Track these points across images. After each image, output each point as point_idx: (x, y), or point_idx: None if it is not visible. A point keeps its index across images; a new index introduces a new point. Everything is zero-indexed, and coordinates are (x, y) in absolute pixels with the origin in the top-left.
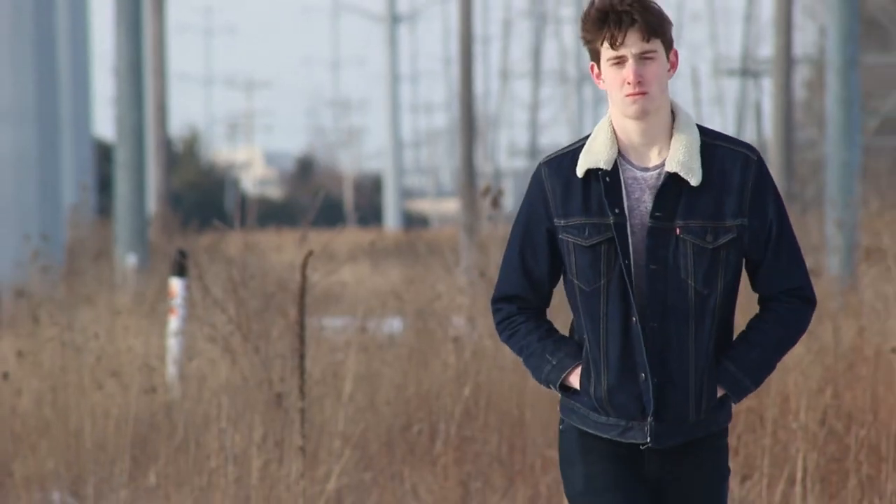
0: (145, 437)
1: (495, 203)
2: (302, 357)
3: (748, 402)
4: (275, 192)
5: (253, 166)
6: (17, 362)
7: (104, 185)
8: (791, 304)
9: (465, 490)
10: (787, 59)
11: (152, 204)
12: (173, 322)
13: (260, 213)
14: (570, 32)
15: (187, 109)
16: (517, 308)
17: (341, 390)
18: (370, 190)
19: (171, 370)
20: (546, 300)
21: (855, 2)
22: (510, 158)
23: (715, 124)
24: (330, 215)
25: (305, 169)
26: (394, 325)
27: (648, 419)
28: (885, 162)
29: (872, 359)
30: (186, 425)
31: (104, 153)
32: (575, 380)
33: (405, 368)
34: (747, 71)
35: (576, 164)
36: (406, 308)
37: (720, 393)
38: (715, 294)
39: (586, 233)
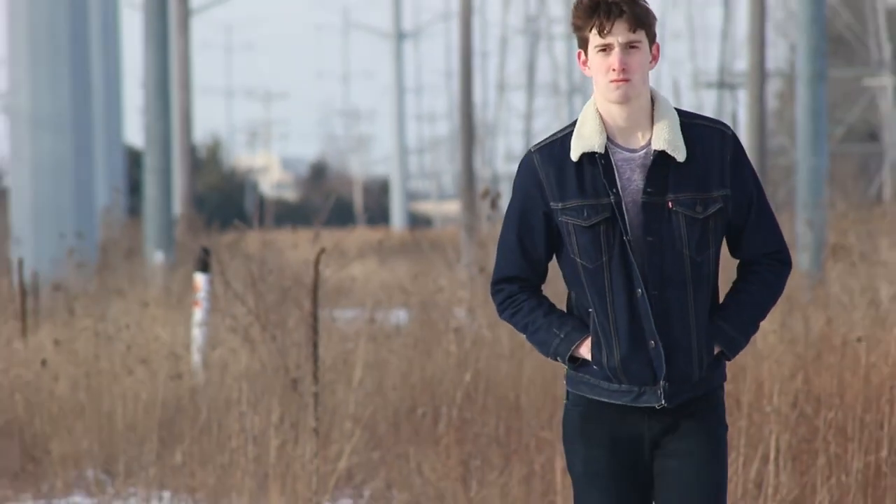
0: (172, 420)
1: (493, 204)
2: (315, 346)
3: (726, 386)
4: (290, 195)
5: (270, 171)
6: (54, 350)
7: (134, 189)
8: (772, 267)
9: (465, 468)
10: (760, 73)
11: (178, 206)
12: (197, 314)
13: (277, 213)
14: (561, 49)
15: (210, 119)
16: (518, 287)
17: (351, 376)
18: (378, 192)
19: (196, 358)
20: (543, 277)
21: (822, 20)
22: (507, 163)
23: None
24: (341, 216)
25: (318, 173)
26: (400, 316)
27: (661, 382)
28: (850, 167)
29: (839, 347)
30: (210, 409)
31: (134, 159)
32: (585, 351)
33: (410, 356)
34: (724, 84)
35: (567, 150)
36: (411, 301)
37: (716, 351)
38: (708, 261)
39: (585, 214)
